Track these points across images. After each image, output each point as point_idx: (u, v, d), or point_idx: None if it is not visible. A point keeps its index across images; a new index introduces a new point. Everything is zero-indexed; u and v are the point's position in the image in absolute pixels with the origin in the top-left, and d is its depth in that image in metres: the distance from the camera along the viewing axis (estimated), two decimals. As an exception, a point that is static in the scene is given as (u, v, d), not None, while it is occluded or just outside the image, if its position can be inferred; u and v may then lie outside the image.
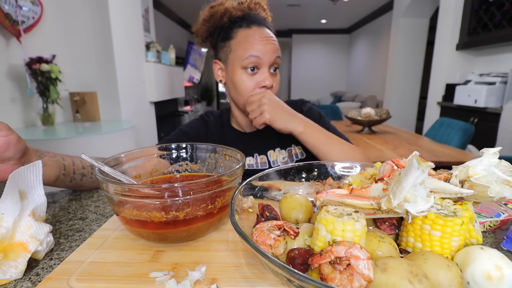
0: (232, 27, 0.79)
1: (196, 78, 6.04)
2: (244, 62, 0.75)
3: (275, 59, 0.78)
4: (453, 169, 0.35)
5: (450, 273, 0.27)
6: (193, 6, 5.32)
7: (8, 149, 0.48)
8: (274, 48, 0.77)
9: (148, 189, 0.40)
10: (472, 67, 3.04)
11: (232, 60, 0.78)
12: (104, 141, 1.92)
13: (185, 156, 0.61)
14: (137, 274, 0.37)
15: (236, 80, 0.78)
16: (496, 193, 0.31)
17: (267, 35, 0.77)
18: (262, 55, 0.75)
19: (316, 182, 0.55)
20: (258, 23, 0.78)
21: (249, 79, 0.77)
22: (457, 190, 0.32)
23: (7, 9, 1.76)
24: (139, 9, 2.89)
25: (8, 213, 0.38)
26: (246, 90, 0.78)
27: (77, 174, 0.64)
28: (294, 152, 0.87)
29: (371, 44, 6.20)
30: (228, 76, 0.81)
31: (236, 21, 0.79)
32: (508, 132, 1.90)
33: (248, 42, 0.75)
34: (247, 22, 0.78)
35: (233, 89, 0.81)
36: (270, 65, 0.78)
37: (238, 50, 0.77)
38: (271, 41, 0.77)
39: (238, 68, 0.77)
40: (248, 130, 0.89)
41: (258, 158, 0.86)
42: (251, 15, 0.80)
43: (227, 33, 0.79)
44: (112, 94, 2.49)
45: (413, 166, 0.28)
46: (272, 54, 0.76)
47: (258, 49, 0.75)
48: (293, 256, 0.32)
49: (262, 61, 0.76)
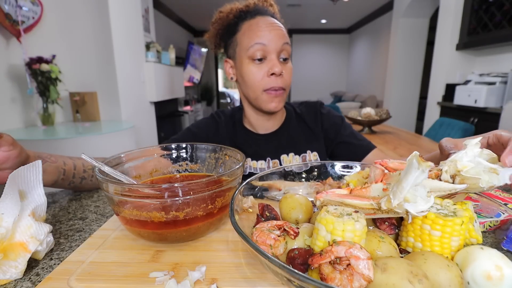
0: (237, 22, 0.77)
1: (196, 78, 6.04)
2: (250, 51, 0.73)
3: (283, 46, 0.74)
4: (441, 165, 0.35)
5: (450, 273, 0.27)
6: (193, 6, 5.33)
7: (6, 163, 0.50)
8: (280, 34, 0.73)
9: (148, 189, 0.40)
10: (472, 67, 3.03)
11: (239, 53, 0.76)
12: (104, 141, 1.92)
13: (185, 156, 0.61)
14: (137, 274, 0.37)
15: (244, 72, 0.75)
16: (486, 183, 0.31)
17: (271, 22, 0.74)
18: (267, 41, 0.72)
19: (316, 182, 0.55)
20: (262, 13, 0.76)
21: (257, 68, 0.74)
22: (452, 187, 0.32)
23: (7, 9, 1.76)
24: (139, 9, 2.89)
25: (8, 213, 0.38)
26: (255, 80, 0.74)
27: (76, 178, 0.64)
28: (309, 159, 0.83)
29: (371, 44, 6.20)
30: (238, 71, 0.78)
31: (240, 16, 0.77)
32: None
33: (252, 31, 0.73)
34: (251, 14, 0.76)
35: (243, 83, 0.78)
36: (278, 52, 0.74)
37: (243, 41, 0.74)
38: (276, 27, 0.74)
39: (245, 59, 0.74)
40: (262, 131, 0.85)
41: (271, 162, 0.83)
42: (254, 7, 0.78)
43: (233, 29, 0.78)
44: (112, 94, 2.49)
45: (413, 166, 0.28)
46: (278, 40, 0.73)
47: (263, 36, 0.72)
48: (293, 256, 0.32)
49: (268, 48, 0.72)
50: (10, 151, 0.49)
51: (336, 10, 5.74)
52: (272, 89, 0.74)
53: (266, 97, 0.75)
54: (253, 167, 0.83)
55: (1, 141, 0.48)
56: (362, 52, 6.73)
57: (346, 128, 0.85)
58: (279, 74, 0.73)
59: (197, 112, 5.82)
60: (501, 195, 0.51)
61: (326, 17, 6.53)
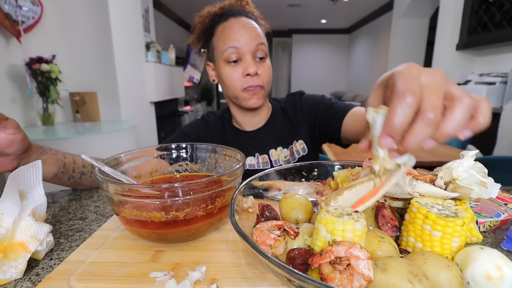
0: (213, 25, 0.79)
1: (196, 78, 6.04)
2: (224, 55, 0.75)
3: (257, 46, 0.75)
4: (437, 171, 0.36)
5: (450, 273, 0.27)
6: (193, 6, 5.32)
7: (10, 146, 0.49)
8: (253, 34, 0.74)
9: (148, 189, 0.40)
10: (472, 67, 3.03)
11: (216, 56, 0.79)
12: (104, 141, 1.92)
13: (185, 156, 0.61)
14: (137, 274, 0.37)
15: (222, 74, 0.78)
16: (476, 194, 0.32)
17: (244, 23, 0.75)
18: (240, 44, 0.73)
19: (316, 182, 0.55)
20: (235, 15, 0.77)
21: (233, 69, 0.76)
22: (445, 194, 0.34)
23: (7, 9, 1.76)
24: (139, 9, 2.89)
25: (8, 213, 0.38)
26: (232, 81, 0.76)
27: (76, 173, 0.64)
28: (296, 149, 0.85)
29: (371, 44, 6.20)
30: (217, 73, 0.81)
31: (215, 19, 0.79)
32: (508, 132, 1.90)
33: (225, 35, 0.75)
34: (224, 16, 0.77)
35: (222, 84, 0.81)
36: (252, 53, 0.75)
37: (218, 45, 0.76)
38: (249, 29, 0.74)
39: (221, 62, 0.77)
40: (248, 128, 0.88)
41: (260, 157, 0.85)
42: (227, 8, 0.79)
43: (210, 32, 0.80)
44: (112, 94, 2.49)
45: (377, 121, 0.30)
46: (251, 41, 0.74)
47: (235, 39, 0.73)
48: (293, 256, 0.32)
49: (242, 50, 0.74)
50: (15, 135, 0.49)
51: (336, 10, 5.74)
52: (249, 87, 0.76)
53: (245, 95, 0.77)
54: None
55: (7, 123, 0.48)
56: (362, 52, 6.73)
57: (323, 103, 0.84)
58: (255, 74, 0.75)
59: (197, 112, 5.81)
60: (501, 195, 0.51)
61: (326, 17, 6.54)
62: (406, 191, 0.35)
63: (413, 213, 0.33)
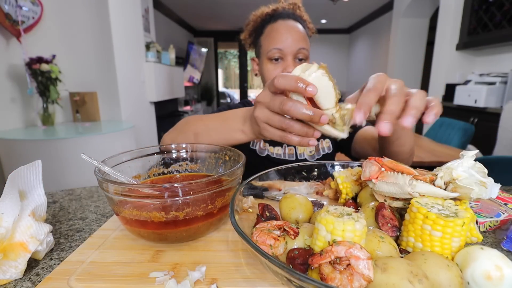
0: (263, 25, 0.86)
1: (196, 78, 6.04)
2: (269, 54, 0.82)
3: (299, 50, 0.81)
4: (436, 171, 0.36)
5: (450, 273, 0.27)
6: (193, 6, 5.33)
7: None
8: (297, 38, 0.81)
9: (148, 189, 0.40)
10: (472, 67, 3.03)
11: (261, 54, 0.86)
12: (104, 141, 1.92)
13: (185, 156, 0.61)
14: (137, 274, 0.37)
15: (263, 69, 0.86)
16: (476, 194, 0.32)
17: (290, 26, 0.82)
18: (283, 46, 0.80)
19: (316, 182, 0.55)
20: (283, 17, 0.83)
21: (273, 67, 0.83)
22: (445, 194, 0.34)
23: (7, 9, 1.76)
24: (139, 9, 2.89)
25: (8, 213, 0.38)
26: (271, 77, 0.82)
27: None
28: (321, 146, 0.89)
29: (371, 44, 6.20)
30: (260, 69, 0.89)
31: (266, 19, 0.86)
32: (508, 132, 1.90)
33: (272, 36, 0.82)
34: (274, 18, 0.84)
35: (263, 79, 0.89)
36: (294, 55, 0.82)
37: (265, 44, 0.84)
38: (295, 32, 0.81)
39: (265, 60, 0.84)
40: None
41: (287, 149, 0.89)
42: (279, 11, 0.85)
43: (259, 31, 0.87)
44: (112, 94, 2.49)
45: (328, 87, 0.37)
46: (294, 45, 0.80)
47: (280, 41, 0.80)
48: (293, 256, 0.32)
49: (284, 52, 0.81)
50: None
51: (336, 10, 5.74)
52: None
53: None
54: (270, 151, 0.90)
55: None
56: (362, 52, 6.72)
57: None
58: None
59: (197, 112, 5.81)
60: (501, 195, 0.51)
61: (326, 17, 6.53)
62: (406, 191, 0.35)
63: (413, 213, 0.33)
